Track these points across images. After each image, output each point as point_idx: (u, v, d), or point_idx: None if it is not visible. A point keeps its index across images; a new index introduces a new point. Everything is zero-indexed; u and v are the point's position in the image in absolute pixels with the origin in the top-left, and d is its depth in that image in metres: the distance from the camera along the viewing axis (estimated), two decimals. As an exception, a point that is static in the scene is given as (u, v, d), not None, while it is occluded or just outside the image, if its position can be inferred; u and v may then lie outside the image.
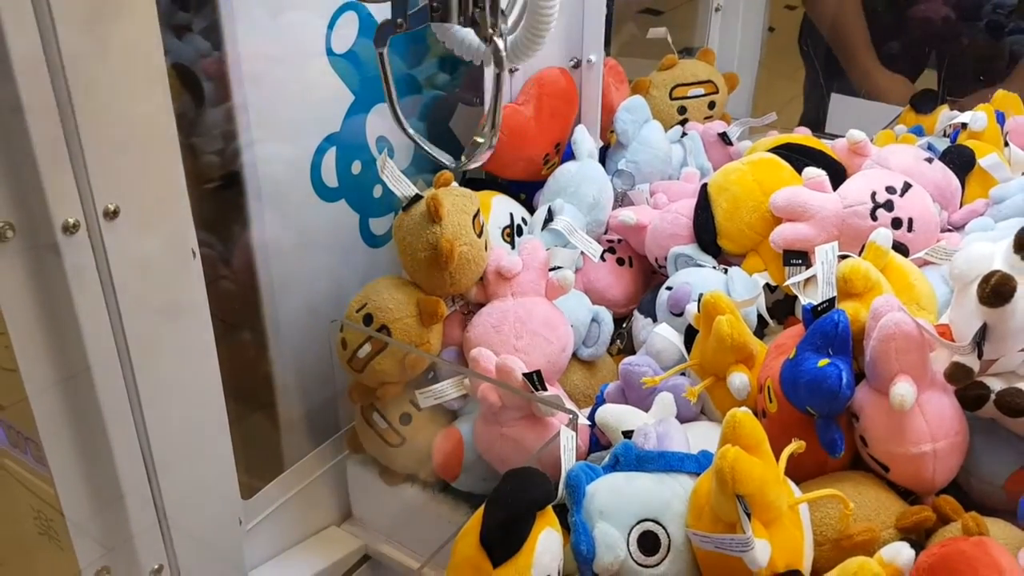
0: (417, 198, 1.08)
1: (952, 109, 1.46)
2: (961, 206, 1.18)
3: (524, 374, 1.01)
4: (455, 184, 1.15)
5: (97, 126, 0.79)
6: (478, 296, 1.13)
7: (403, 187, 1.09)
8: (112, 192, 0.80)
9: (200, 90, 1.05)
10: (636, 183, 1.33)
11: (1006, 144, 1.27)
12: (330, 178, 1.16)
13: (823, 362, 0.84)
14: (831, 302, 0.91)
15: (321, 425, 1.23)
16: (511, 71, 1.26)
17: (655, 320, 1.16)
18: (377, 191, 1.24)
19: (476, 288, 1.12)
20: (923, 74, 1.99)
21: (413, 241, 1.07)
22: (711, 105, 1.55)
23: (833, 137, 1.32)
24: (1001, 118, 1.31)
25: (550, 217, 1.21)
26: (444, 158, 0.89)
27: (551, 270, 1.13)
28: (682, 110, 1.51)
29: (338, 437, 1.23)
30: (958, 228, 1.15)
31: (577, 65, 1.29)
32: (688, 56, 1.85)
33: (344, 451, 1.22)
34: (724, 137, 1.44)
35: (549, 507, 0.78)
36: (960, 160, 1.20)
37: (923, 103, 1.54)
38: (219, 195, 1.09)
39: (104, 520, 0.91)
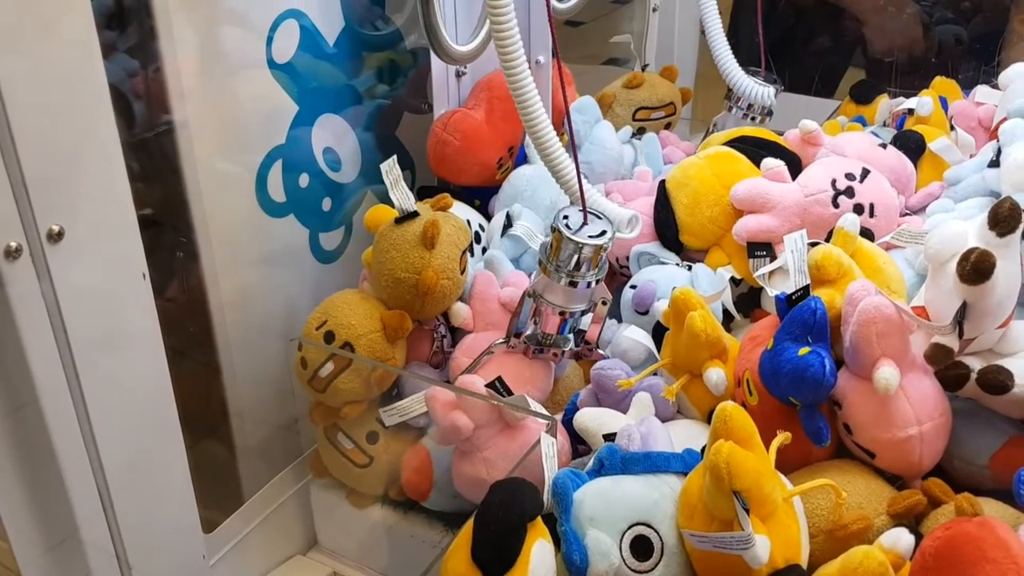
0: (414, 215, 1.04)
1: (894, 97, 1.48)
2: (915, 190, 1.19)
3: (487, 384, 0.98)
4: (454, 211, 1.12)
5: (37, 147, 0.76)
6: (466, 324, 1.10)
7: (403, 198, 1.04)
8: (55, 213, 0.76)
9: (131, 111, 1.01)
10: (590, 184, 1.31)
11: (952, 128, 1.29)
12: (277, 193, 1.12)
13: (804, 351, 0.82)
14: (805, 290, 0.90)
15: (281, 451, 1.18)
16: (458, 74, 1.24)
17: (619, 321, 1.14)
18: (327, 204, 1.20)
19: (466, 316, 1.09)
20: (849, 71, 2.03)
21: (397, 257, 1.03)
22: (667, 125, 1.55)
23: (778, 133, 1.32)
24: (944, 103, 1.33)
25: (509, 223, 1.18)
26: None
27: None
28: (641, 130, 1.50)
29: (300, 462, 1.18)
30: (916, 212, 1.15)
31: (525, 67, 1.27)
32: (614, 65, 1.84)
33: (307, 476, 1.17)
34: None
35: (539, 518, 0.75)
36: (911, 145, 1.20)
37: (863, 93, 1.55)
38: (161, 216, 1.04)
39: (58, 562, 0.86)
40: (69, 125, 0.79)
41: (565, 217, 0.99)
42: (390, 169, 1.05)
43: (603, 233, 0.98)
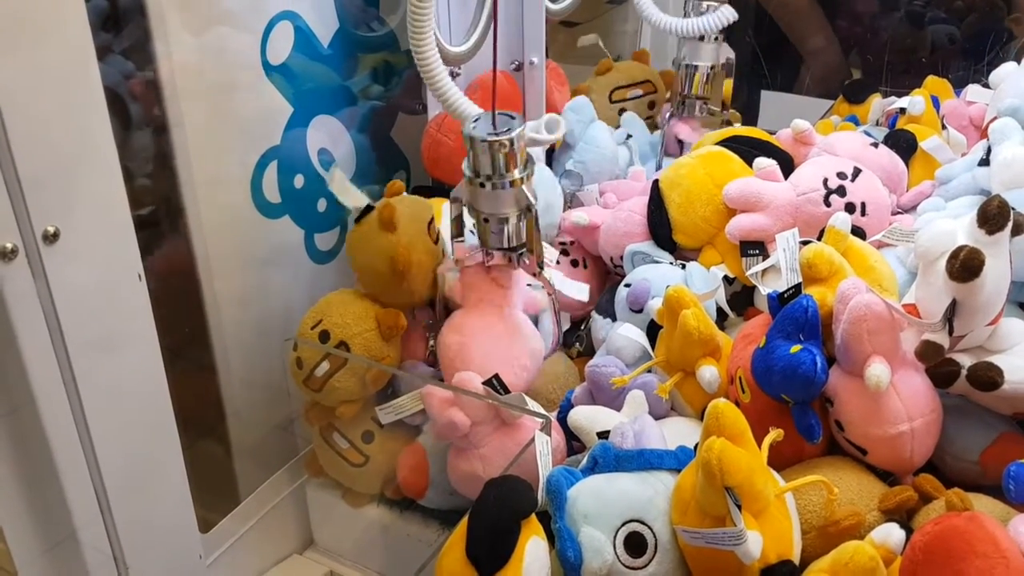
0: (369, 209, 1.05)
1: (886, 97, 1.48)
2: (907, 189, 1.19)
3: (484, 382, 0.98)
4: (406, 194, 1.12)
5: (32, 147, 0.76)
6: (451, 294, 1.08)
7: (353, 198, 1.06)
8: (51, 214, 0.77)
9: (127, 112, 1.01)
10: (584, 183, 1.32)
11: (944, 127, 1.29)
12: (272, 194, 1.13)
13: (795, 348, 0.83)
14: (797, 288, 0.91)
15: (277, 450, 1.19)
16: (452, 75, 1.24)
17: (614, 319, 1.15)
18: (322, 205, 1.21)
19: (453, 287, 1.08)
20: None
21: (369, 252, 1.04)
22: (651, 105, 1.56)
23: (770, 132, 1.33)
24: (936, 102, 1.34)
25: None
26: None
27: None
28: (622, 112, 1.51)
29: (296, 461, 1.19)
30: (907, 210, 1.16)
31: (519, 68, 1.28)
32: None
33: (303, 476, 1.18)
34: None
35: (533, 515, 0.76)
36: (903, 144, 1.21)
37: (856, 93, 1.56)
38: (157, 217, 1.05)
39: (56, 563, 0.86)
40: (64, 126, 0.79)
41: (474, 122, 0.97)
42: (333, 177, 1.07)
43: (511, 130, 0.95)
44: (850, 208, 1.07)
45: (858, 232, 1.04)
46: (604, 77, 1.56)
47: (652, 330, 1.06)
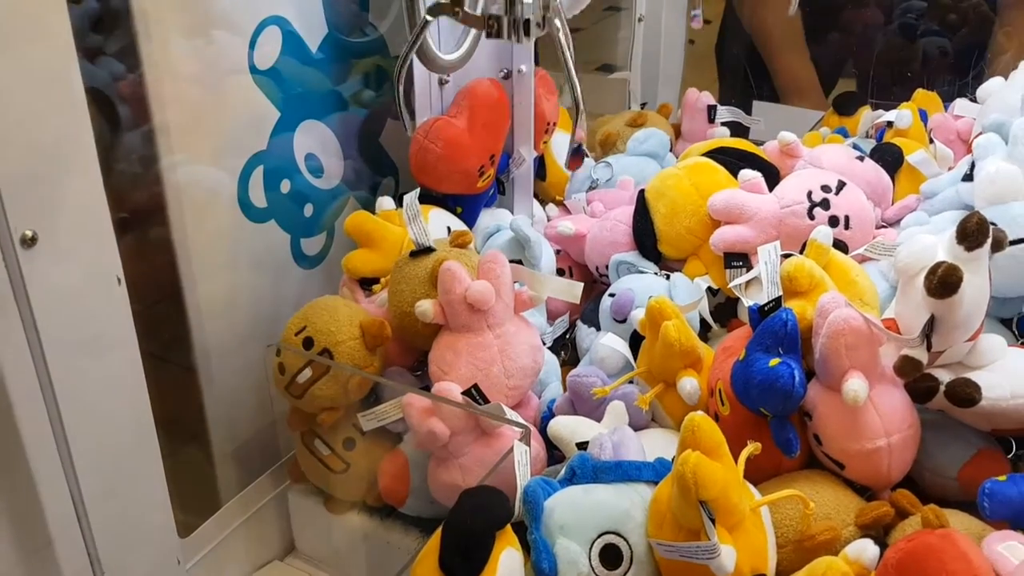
0: (429, 250, 1.05)
1: (875, 110, 1.49)
2: (892, 203, 1.20)
3: (463, 392, 0.98)
4: (433, 216, 1.11)
5: (9, 149, 0.75)
6: (437, 318, 1.02)
7: (419, 233, 1.05)
8: (28, 217, 0.76)
9: (115, 114, 1.01)
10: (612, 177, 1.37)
11: (931, 141, 1.30)
12: (258, 198, 1.13)
13: (774, 362, 0.83)
14: (777, 301, 0.91)
15: (259, 456, 1.18)
16: (441, 82, 1.24)
17: (598, 329, 1.15)
18: (308, 210, 1.20)
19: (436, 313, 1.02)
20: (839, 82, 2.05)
21: (406, 291, 1.04)
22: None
23: (758, 144, 1.33)
24: (924, 116, 1.34)
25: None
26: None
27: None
28: None
29: (278, 467, 1.18)
30: (892, 224, 1.16)
31: (508, 76, 1.27)
32: (607, 72, 1.85)
33: (285, 482, 1.17)
34: (711, 111, 1.52)
35: (508, 526, 0.76)
36: (889, 158, 1.21)
37: (845, 105, 1.57)
38: (141, 221, 1.04)
39: (33, 570, 0.86)
40: (44, 128, 0.78)
41: None
42: (410, 204, 1.06)
43: None
44: (833, 221, 1.07)
45: (841, 246, 1.04)
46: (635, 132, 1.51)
47: (636, 340, 1.06)
